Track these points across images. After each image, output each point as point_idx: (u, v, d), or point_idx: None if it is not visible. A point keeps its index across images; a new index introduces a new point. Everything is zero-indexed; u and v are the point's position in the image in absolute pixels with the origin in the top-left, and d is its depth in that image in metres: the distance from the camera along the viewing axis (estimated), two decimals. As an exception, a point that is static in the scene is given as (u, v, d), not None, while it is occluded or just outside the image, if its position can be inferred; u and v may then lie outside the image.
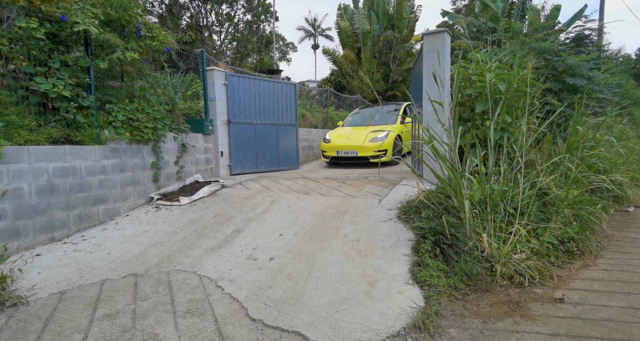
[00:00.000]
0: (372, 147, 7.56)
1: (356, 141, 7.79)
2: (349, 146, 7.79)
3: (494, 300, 2.87)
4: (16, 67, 4.06)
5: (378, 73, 17.55)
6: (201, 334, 2.51)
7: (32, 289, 3.18)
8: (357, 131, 8.35)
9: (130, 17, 4.92)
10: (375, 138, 7.70)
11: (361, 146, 7.65)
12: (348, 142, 7.88)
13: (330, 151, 8.10)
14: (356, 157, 7.75)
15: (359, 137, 7.92)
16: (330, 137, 8.47)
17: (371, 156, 7.57)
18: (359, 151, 7.65)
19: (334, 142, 8.16)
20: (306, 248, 3.71)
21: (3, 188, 3.68)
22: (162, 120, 5.57)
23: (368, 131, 8.14)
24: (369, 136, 7.80)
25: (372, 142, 7.62)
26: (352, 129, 8.68)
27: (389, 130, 7.82)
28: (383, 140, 7.59)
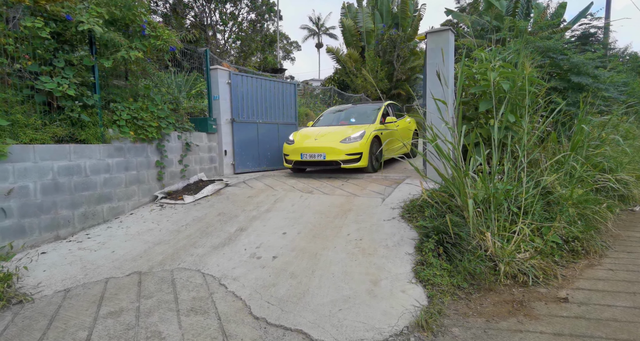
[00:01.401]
0: (343, 149, 6.12)
1: (324, 142, 6.31)
2: (316, 148, 6.28)
3: (497, 299, 2.86)
4: (22, 66, 4.09)
5: (382, 72, 17.51)
6: (204, 332, 2.52)
7: (38, 286, 3.21)
8: (327, 131, 6.87)
9: (135, 16, 4.94)
10: (348, 138, 6.23)
11: (330, 148, 6.18)
12: (314, 144, 6.37)
13: (293, 154, 6.54)
14: (324, 162, 6.26)
15: (329, 137, 6.46)
16: (294, 137, 6.91)
17: (342, 160, 6.12)
18: (328, 153, 6.17)
19: (297, 143, 6.60)
20: (309, 247, 3.71)
21: (9, 186, 3.72)
22: (166, 119, 5.59)
23: (341, 130, 6.77)
24: (340, 136, 6.38)
25: (343, 144, 6.17)
26: (322, 128, 7.16)
27: (365, 129, 6.49)
28: (357, 141, 6.17)
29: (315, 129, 7.28)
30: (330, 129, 7.00)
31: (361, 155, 6.15)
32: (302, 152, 6.41)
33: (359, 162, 6.14)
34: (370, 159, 6.33)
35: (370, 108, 7.88)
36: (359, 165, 6.16)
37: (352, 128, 6.73)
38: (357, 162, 6.13)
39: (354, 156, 6.11)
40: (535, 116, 4.62)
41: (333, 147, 6.15)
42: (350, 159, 6.11)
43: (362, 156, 6.14)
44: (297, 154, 6.47)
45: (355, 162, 6.12)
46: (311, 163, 6.45)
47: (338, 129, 6.88)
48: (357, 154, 6.13)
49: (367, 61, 17.59)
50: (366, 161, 6.19)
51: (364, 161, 6.17)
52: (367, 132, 6.36)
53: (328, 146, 6.22)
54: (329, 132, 6.73)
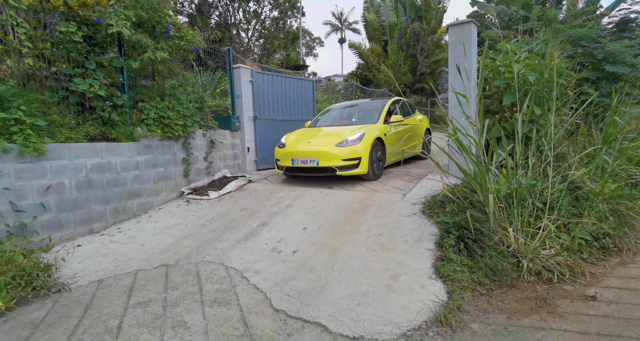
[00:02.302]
0: (339, 154, 5.29)
1: (318, 146, 5.51)
2: (308, 153, 5.48)
3: (519, 296, 2.79)
4: (57, 69, 4.34)
5: (405, 66, 17.23)
6: (227, 322, 2.62)
7: (74, 277, 3.42)
8: (323, 132, 6.09)
9: (160, 17, 5.12)
10: (344, 141, 5.39)
11: (324, 153, 5.34)
12: (307, 147, 5.55)
13: (285, 159, 5.78)
14: (317, 168, 5.45)
15: (324, 140, 5.68)
16: (287, 139, 6.15)
17: (338, 166, 5.29)
18: (322, 159, 5.35)
19: (289, 146, 5.82)
20: (329, 242, 3.75)
21: (47, 182, 3.97)
22: (192, 117, 5.77)
23: (338, 131, 5.97)
24: (336, 138, 5.57)
25: (340, 148, 5.33)
26: (318, 129, 6.38)
27: (366, 130, 5.64)
28: (356, 144, 5.33)
29: (310, 130, 6.51)
30: (327, 130, 6.23)
31: (360, 160, 5.32)
32: (293, 158, 5.61)
33: (358, 169, 5.31)
34: (371, 164, 5.50)
35: (374, 106, 7.00)
36: (357, 172, 5.34)
37: (351, 129, 5.89)
38: (355, 168, 5.31)
39: (352, 161, 5.30)
40: (563, 108, 4.44)
41: (327, 152, 5.33)
42: (348, 165, 5.30)
43: (361, 162, 5.32)
44: (288, 159, 5.69)
45: (353, 169, 5.31)
46: (303, 170, 5.63)
47: (335, 130, 6.09)
48: (355, 160, 5.31)
49: (390, 55, 17.35)
50: (366, 167, 5.37)
51: (364, 167, 5.35)
52: (367, 134, 5.53)
53: (322, 150, 5.39)
54: (325, 133, 5.97)
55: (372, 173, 5.55)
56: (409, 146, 6.74)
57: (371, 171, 5.49)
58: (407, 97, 18.02)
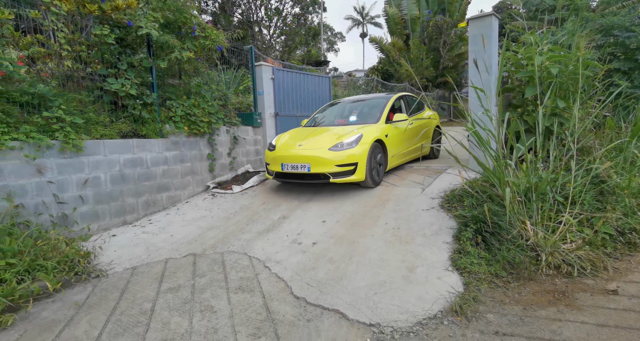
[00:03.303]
0: (333, 159, 4.70)
1: (310, 149, 4.92)
2: (299, 157, 4.88)
3: (537, 289, 2.80)
4: (93, 70, 4.62)
5: (427, 59, 16.96)
6: (250, 308, 2.78)
7: (110, 264, 3.68)
8: (318, 133, 5.46)
9: (186, 18, 5.33)
10: (339, 144, 4.81)
11: (316, 158, 4.76)
12: (298, 151, 4.96)
13: (274, 163, 5.19)
14: (309, 175, 4.86)
15: (317, 142, 5.06)
16: (277, 141, 5.55)
17: (332, 173, 4.71)
18: (313, 164, 4.76)
19: (279, 150, 5.23)
20: (347, 234, 3.85)
21: (85, 176, 4.26)
22: (216, 114, 5.99)
23: (334, 132, 5.36)
24: (330, 141, 4.97)
25: (333, 151, 4.75)
26: (314, 129, 5.75)
27: (364, 132, 5.03)
28: (352, 147, 4.75)
29: (305, 129, 5.91)
30: (321, 130, 5.58)
31: (356, 166, 4.74)
32: (282, 162, 5.03)
33: (353, 176, 4.74)
34: (370, 170, 4.91)
35: (376, 102, 6.28)
36: (353, 179, 4.76)
37: (348, 130, 5.28)
38: (351, 175, 4.74)
39: (347, 167, 4.72)
40: (590, 101, 4.33)
41: (319, 157, 4.74)
42: (342, 172, 4.72)
43: (358, 168, 4.74)
44: (278, 163, 5.10)
45: (349, 176, 4.74)
46: (293, 176, 5.04)
47: (331, 130, 5.48)
48: (351, 165, 4.73)
49: (412, 49, 17.13)
50: (363, 173, 4.79)
51: (360, 173, 4.77)
52: (365, 136, 4.93)
53: (313, 154, 4.79)
54: (319, 135, 5.33)
55: (371, 180, 4.93)
56: (414, 146, 6.23)
57: (369, 177, 4.89)
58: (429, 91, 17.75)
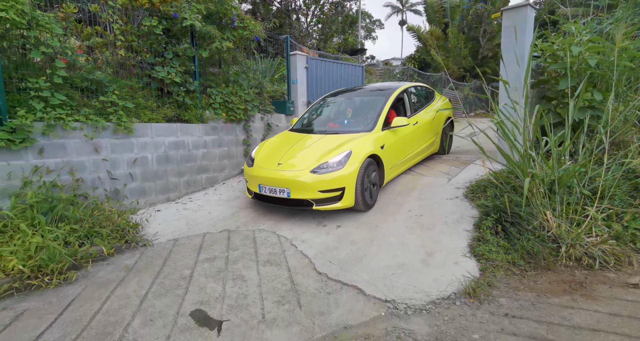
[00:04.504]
0: (315, 183, 3.95)
1: (291, 170, 4.15)
2: (277, 180, 4.14)
3: (554, 278, 2.86)
4: (142, 58, 5.03)
5: (466, 49, 16.39)
6: (277, 279, 3.05)
7: (155, 235, 4.10)
8: (301, 147, 4.57)
9: (226, 10, 5.61)
10: (324, 165, 4.05)
11: (296, 182, 4.00)
12: (277, 172, 4.20)
13: (252, 182, 4.48)
14: (288, 200, 4.16)
15: (299, 160, 4.28)
16: (257, 154, 4.76)
17: (315, 199, 4.01)
18: (293, 189, 4.03)
19: (256, 167, 4.47)
20: (370, 219, 4.03)
21: (134, 156, 4.71)
22: (252, 102, 6.30)
23: (320, 145, 4.51)
24: (312, 159, 4.20)
25: (316, 175, 3.99)
26: (298, 139, 4.87)
27: (354, 146, 4.21)
28: (337, 169, 3.98)
29: (289, 137, 5.06)
30: (306, 141, 4.72)
31: (343, 191, 3.99)
32: (260, 183, 4.31)
33: (339, 203, 4.02)
34: (361, 193, 4.08)
35: (375, 100, 5.29)
36: (339, 206, 4.03)
37: (336, 143, 4.40)
38: (337, 202, 4.02)
39: (332, 193, 3.98)
40: (633, 94, 4.16)
41: (299, 181, 3.98)
42: (327, 198, 4.01)
43: (345, 193, 4.00)
44: (255, 184, 4.38)
45: (334, 203, 4.02)
46: (272, 200, 4.31)
47: (316, 144, 4.57)
48: (337, 191, 3.99)
49: (450, 38, 16.59)
50: (352, 198, 4.05)
51: (349, 199, 4.03)
52: (355, 153, 4.11)
53: (293, 177, 4.03)
54: (302, 150, 4.48)
55: (363, 203, 4.14)
56: (421, 148, 5.51)
57: (360, 201, 4.11)
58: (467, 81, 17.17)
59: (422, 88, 6.30)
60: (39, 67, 3.99)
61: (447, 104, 6.56)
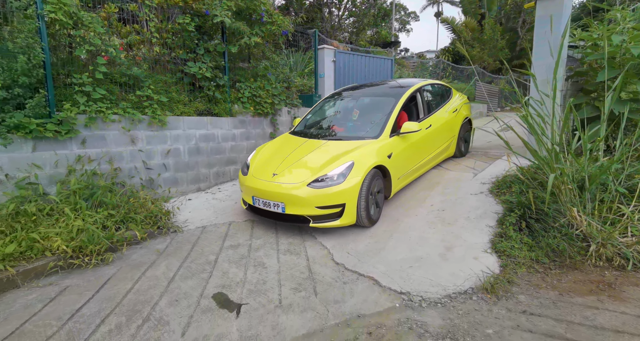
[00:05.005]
0: (312, 199, 3.55)
1: (286, 183, 3.73)
2: (271, 193, 3.74)
3: (580, 278, 2.75)
4: (176, 54, 5.28)
5: (503, 40, 15.64)
6: (296, 267, 3.15)
7: (185, 222, 4.32)
8: (300, 154, 4.14)
9: (256, 6, 5.74)
10: (323, 178, 3.62)
11: (291, 196, 3.61)
12: (271, 183, 3.80)
13: (246, 193, 4.13)
14: (283, 216, 3.79)
15: (296, 170, 3.87)
16: (252, 161, 4.37)
17: (312, 216, 3.63)
18: (288, 204, 3.65)
19: (251, 176, 4.09)
20: (391, 213, 4.02)
21: (167, 147, 4.97)
22: (279, 96, 6.42)
23: (319, 153, 4.08)
24: (310, 170, 3.78)
25: (313, 189, 3.57)
26: (298, 144, 4.40)
27: (357, 157, 3.76)
28: (338, 182, 3.56)
29: (289, 142, 4.63)
30: (306, 148, 4.25)
31: (343, 208, 3.59)
32: (253, 195, 3.95)
33: (338, 220, 3.61)
34: (366, 208, 3.66)
35: (383, 101, 4.77)
36: (339, 224, 3.62)
37: (338, 151, 3.98)
38: (336, 219, 3.61)
39: (331, 209, 3.59)
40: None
41: (295, 196, 3.59)
42: (325, 215, 3.62)
43: (346, 209, 3.59)
44: (249, 195, 4.03)
45: (334, 220, 3.62)
46: (267, 214, 3.94)
47: (316, 151, 4.12)
48: (337, 207, 3.59)
49: (486, 30, 15.90)
50: (353, 215, 3.63)
51: (349, 216, 3.62)
52: (358, 164, 3.67)
53: (288, 191, 3.63)
54: (301, 158, 4.05)
55: (366, 219, 3.71)
56: (434, 153, 5.00)
57: (364, 217, 3.68)
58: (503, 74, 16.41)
59: (437, 86, 5.82)
60: (83, 64, 4.30)
61: (465, 103, 6.06)
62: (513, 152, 3.39)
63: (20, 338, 2.30)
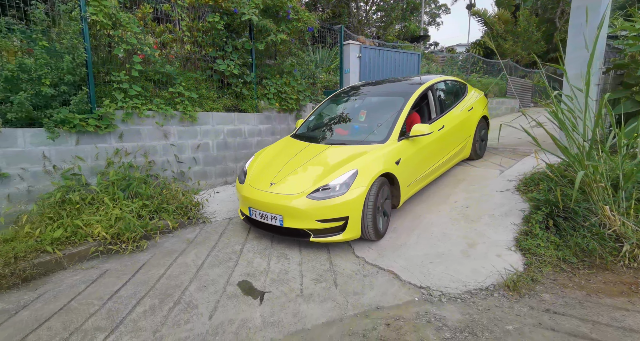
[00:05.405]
0: (312, 211, 3.23)
1: (284, 193, 3.41)
2: (268, 204, 3.42)
3: (611, 279, 2.66)
4: (205, 52, 5.47)
5: (538, 32, 14.93)
6: (317, 259, 3.24)
7: (213, 213, 4.51)
8: (301, 160, 3.83)
9: (282, 3, 5.83)
10: (324, 188, 3.29)
11: (289, 208, 3.30)
12: (268, 193, 3.49)
13: (242, 202, 3.85)
14: (281, 229, 3.46)
15: (296, 178, 3.58)
16: (250, 167, 4.10)
17: (312, 229, 3.31)
18: (287, 216, 3.33)
19: (247, 184, 3.79)
20: (414, 209, 4.02)
21: (197, 142, 5.18)
22: (304, 92, 6.50)
23: (321, 160, 3.77)
24: (310, 179, 3.47)
25: (313, 200, 3.25)
26: (299, 149, 4.10)
27: (362, 164, 3.42)
28: (341, 193, 3.22)
29: (290, 146, 4.32)
30: (307, 153, 3.94)
31: (347, 221, 3.25)
32: (250, 206, 3.63)
33: (342, 235, 3.28)
34: (373, 220, 3.33)
35: (392, 102, 4.39)
36: (341, 239, 3.28)
37: (341, 157, 3.68)
38: (339, 233, 3.29)
39: (333, 222, 3.26)
40: None
41: (294, 208, 3.27)
42: (327, 229, 3.29)
43: (349, 223, 3.25)
44: (246, 205, 3.73)
45: (335, 234, 3.29)
46: (264, 226, 3.61)
47: (317, 157, 3.82)
48: (339, 220, 3.26)
49: (520, 21, 15.23)
50: (357, 228, 3.30)
51: (353, 229, 3.29)
52: (363, 172, 3.33)
53: (286, 203, 3.31)
54: (301, 165, 3.74)
55: (373, 233, 3.38)
56: (448, 156, 4.61)
57: (369, 230, 3.35)
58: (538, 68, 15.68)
59: (451, 83, 5.37)
60: (120, 62, 4.55)
61: (481, 99, 5.60)
62: (542, 149, 3.30)
63: (67, 313, 2.52)
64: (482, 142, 5.57)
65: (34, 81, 3.57)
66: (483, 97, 5.68)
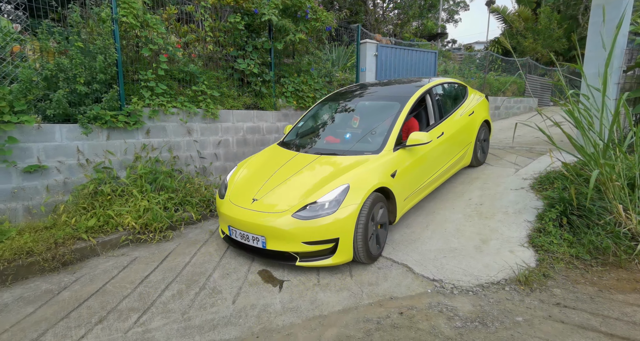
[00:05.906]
0: (298, 230, 2.88)
1: (267, 209, 3.08)
2: (250, 223, 3.05)
3: (624, 276, 2.70)
4: (227, 52, 5.65)
5: (559, 30, 14.60)
6: (334, 252, 3.36)
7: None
8: (286, 173, 3.43)
9: (301, 3, 5.95)
10: (312, 206, 2.96)
11: (273, 229, 2.94)
12: (249, 211, 3.11)
13: (223, 220, 3.45)
14: (263, 251, 3.08)
15: (281, 193, 3.20)
16: (231, 181, 3.68)
17: (298, 253, 2.95)
18: (270, 238, 2.98)
19: (227, 200, 3.40)
20: (428, 205, 4.10)
21: (218, 139, 5.38)
22: (321, 90, 6.62)
23: (309, 174, 3.36)
24: (298, 195, 3.10)
25: (299, 219, 2.90)
26: (285, 159, 3.73)
27: (354, 178, 3.07)
28: (331, 212, 2.88)
29: (276, 155, 3.94)
30: (293, 165, 3.54)
31: (337, 243, 2.91)
32: (229, 225, 3.29)
33: (332, 258, 2.92)
34: (364, 240, 2.97)
35: (387, 108, 4.04)
36: (331, 263, 2.93)
37: (330, 171, 3.30)
38: (328, 257, 2.93)
39: (322, 245, 2.92)
40: None
41: (277, 228, 2.92)
42: (314, 252, 2.94)
43: (340, 245, 2.90)
44: (225, 223, 3.38)
45: (324, 258, 2.94)
46: (246, 247, 3.24)
47: (304, 170, 3.43)
48: (329, 243, 2.91)
49: (540, 18, 14.91)
50: (349, 251, 2.94)
51: (344, 252, 2.93)
52: (354, 188, 2.99)
53: (268, 222, 2.96)
54: (287, 177, 3.37)
55: (365, 255, 3.02)
56: (448, 164, 4.28)
57: (362, 253, 2.99)
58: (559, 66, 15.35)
59: (451, 85, 5.02)
60: (147, 62, 4.77)
61: (482, 103, 5.26)
62: (557, 148, 3.34)
63: (103, 295, 2.73)
64: (485, 144, 5.27)
65: (69, 80, 3.81)
66: (484, 100, 5.40)
